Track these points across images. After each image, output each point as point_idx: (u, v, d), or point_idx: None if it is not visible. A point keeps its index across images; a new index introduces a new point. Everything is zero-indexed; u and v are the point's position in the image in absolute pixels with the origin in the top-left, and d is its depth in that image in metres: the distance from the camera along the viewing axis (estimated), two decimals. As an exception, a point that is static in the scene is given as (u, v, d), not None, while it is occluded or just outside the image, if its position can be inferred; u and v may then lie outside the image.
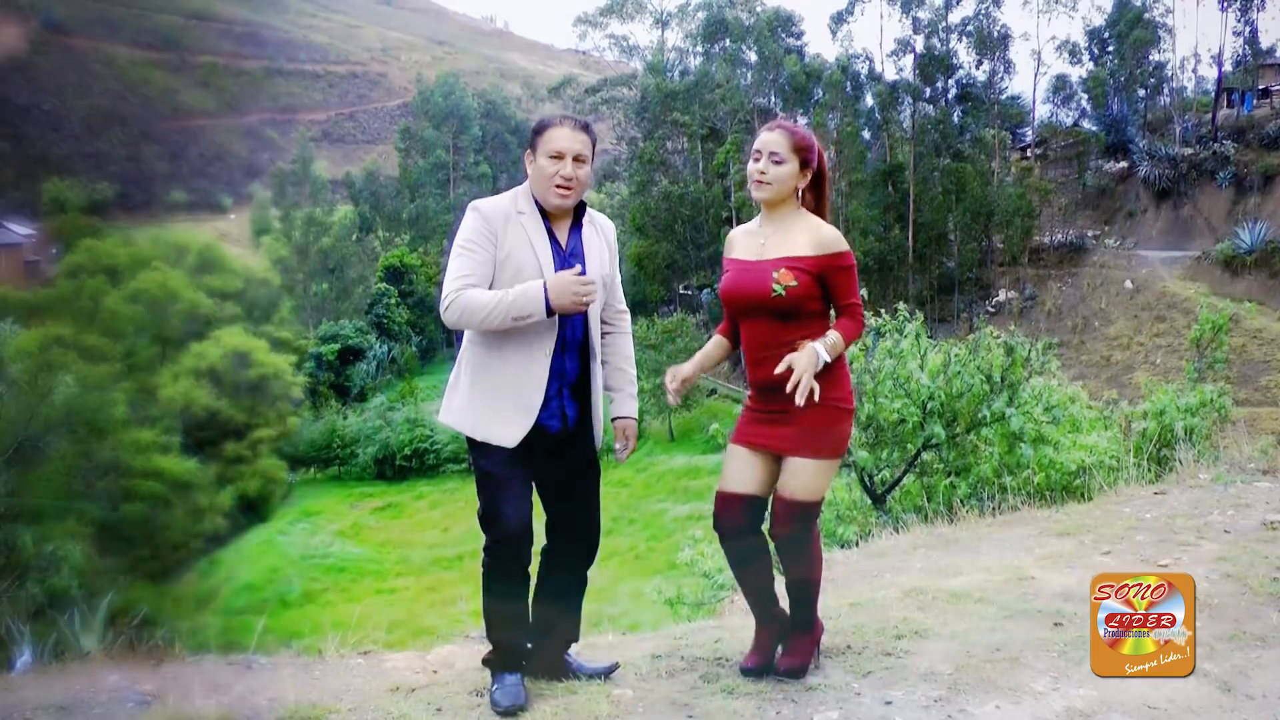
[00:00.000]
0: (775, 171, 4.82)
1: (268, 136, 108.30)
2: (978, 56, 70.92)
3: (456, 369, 4.89)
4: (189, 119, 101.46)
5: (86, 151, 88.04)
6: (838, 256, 4.75)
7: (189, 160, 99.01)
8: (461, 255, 4.71)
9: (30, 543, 25.21)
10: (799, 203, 4.90)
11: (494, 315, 4.59)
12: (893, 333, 11.17)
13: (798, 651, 5.00)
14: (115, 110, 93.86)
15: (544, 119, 4.86)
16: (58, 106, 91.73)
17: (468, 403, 4.78)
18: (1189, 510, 7.87)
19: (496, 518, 4.74)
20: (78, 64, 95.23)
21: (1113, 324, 58.30)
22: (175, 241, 57.24)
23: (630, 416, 5.10)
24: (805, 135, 4.87)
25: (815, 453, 4.78)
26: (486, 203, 4.81)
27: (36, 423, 27.76)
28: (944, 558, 7.46)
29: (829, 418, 4.78)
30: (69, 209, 70.19)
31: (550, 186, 4.77)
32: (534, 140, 4.81)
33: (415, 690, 5.00)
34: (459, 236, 4.76)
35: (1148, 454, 10.96)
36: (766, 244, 4.89)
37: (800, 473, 4.79)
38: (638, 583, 30.71)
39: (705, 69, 76.32)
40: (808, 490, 4.79)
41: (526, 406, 4.73)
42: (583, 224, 4.95)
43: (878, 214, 67.32)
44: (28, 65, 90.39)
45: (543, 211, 4.83)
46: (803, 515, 4.81)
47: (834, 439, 4.82)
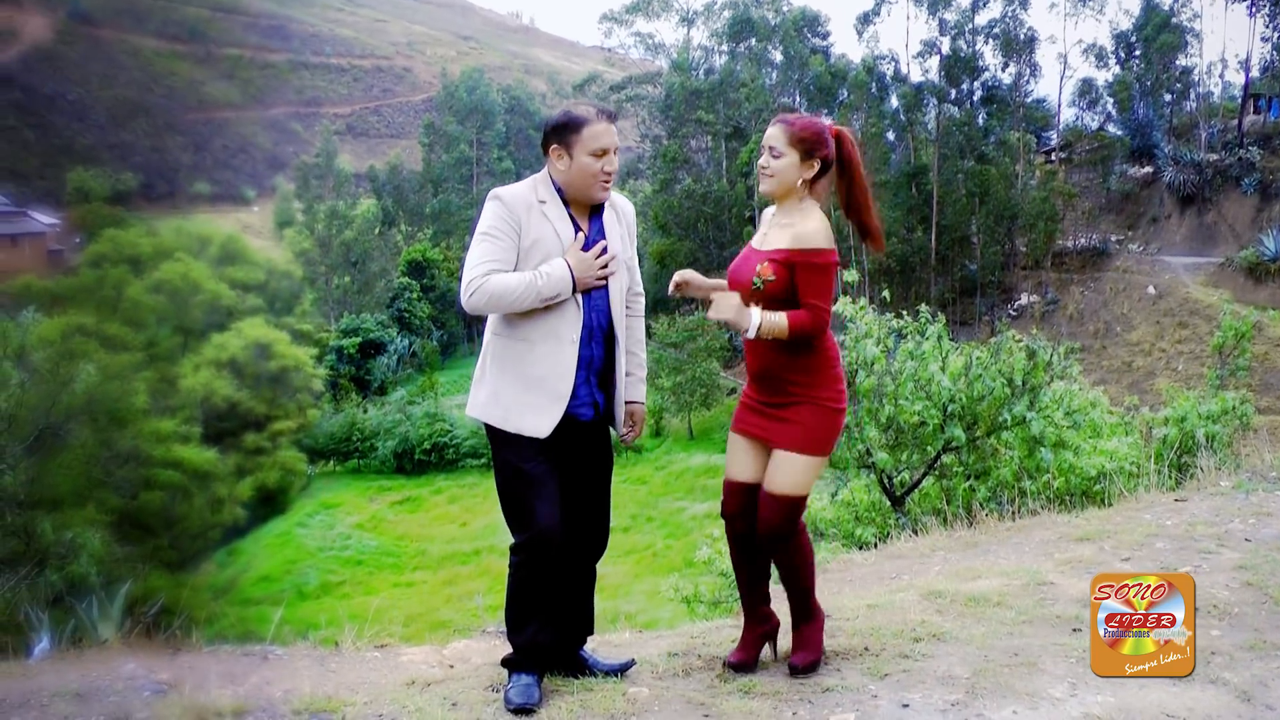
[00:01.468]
0: (774, 165, 4.83)
1: (292, 129, 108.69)
2: (1004, 59, 70.76)
3: (481, 361, 4.85)
4: (214, 111, 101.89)
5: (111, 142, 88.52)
6: (810, 253, 4.70)
7: (213, 152, 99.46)
8: (484, 241, 4.67)
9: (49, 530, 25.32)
10: (807, 195, 4.88)
11: (524, 297, 4.58)
12: (914, 335, 11.13)
13: (807, 646, 5.02)
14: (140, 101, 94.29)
15: (575, 115, 4.77)
16: (83, 96, 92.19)
17: (496, 394, 4.75)
18: (1210, 518, 7.82)
19: (529, 515, 4.69)
20: (104, 54, 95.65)
21: (1135, 329, 58.12)
22: (198, 233, 57.51)
23: (641, 401, 5.09)
24: (806, 125, 4.84)
25: (801, 448, 4.80)
26: (507, 191, 4.77)
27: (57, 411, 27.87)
28: (963, 561, 7.43)
29: (817, 415, 4.80)
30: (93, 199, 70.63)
31: (596, 184, 4.76)
32: (568, 137, 4.74)
33: (431, 685, 5.00)
34: (481, 224, 4.71)
35: (1168, 461, 10.92)
36: (768, 234, 4.92)
37: (785, 467, 4.82)
38: (655, 580, 30.72)
39: (730, 68, 76.24)
40: (791, 485, 4.81)
41: (557, 395, 4.70)
42: (604, 209, 4.95)
43: (901, 216, 67.19)
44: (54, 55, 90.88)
45: (563, 199, 4.81)
46: (786, 509, 4.83)
47: (821, 436, 4.83)
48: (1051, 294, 64.35)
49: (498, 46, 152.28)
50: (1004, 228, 66.67)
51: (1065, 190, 67.30)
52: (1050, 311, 62.86)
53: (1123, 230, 67.33)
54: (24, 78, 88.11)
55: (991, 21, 70.29)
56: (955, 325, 52.82)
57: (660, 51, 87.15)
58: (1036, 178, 69.85)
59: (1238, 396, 12.71)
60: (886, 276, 62.24)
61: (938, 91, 70.14)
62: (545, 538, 4.68)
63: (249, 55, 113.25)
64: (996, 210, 65.20)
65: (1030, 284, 66.37)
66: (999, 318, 61.79)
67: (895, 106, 72.31)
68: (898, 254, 64.61)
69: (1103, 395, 13.97)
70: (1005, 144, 68.28)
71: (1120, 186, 68.59)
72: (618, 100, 79.97)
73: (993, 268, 66.44)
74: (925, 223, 67.26)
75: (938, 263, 66.78)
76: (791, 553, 4.93)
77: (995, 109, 70.48)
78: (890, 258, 63.76)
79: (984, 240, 66.87)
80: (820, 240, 4.72)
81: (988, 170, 65.65)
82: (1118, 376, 53.96)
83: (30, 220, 68.57)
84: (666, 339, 55.93)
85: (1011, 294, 66.73)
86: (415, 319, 75.38)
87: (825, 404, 4.81)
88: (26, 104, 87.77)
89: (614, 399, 4.97)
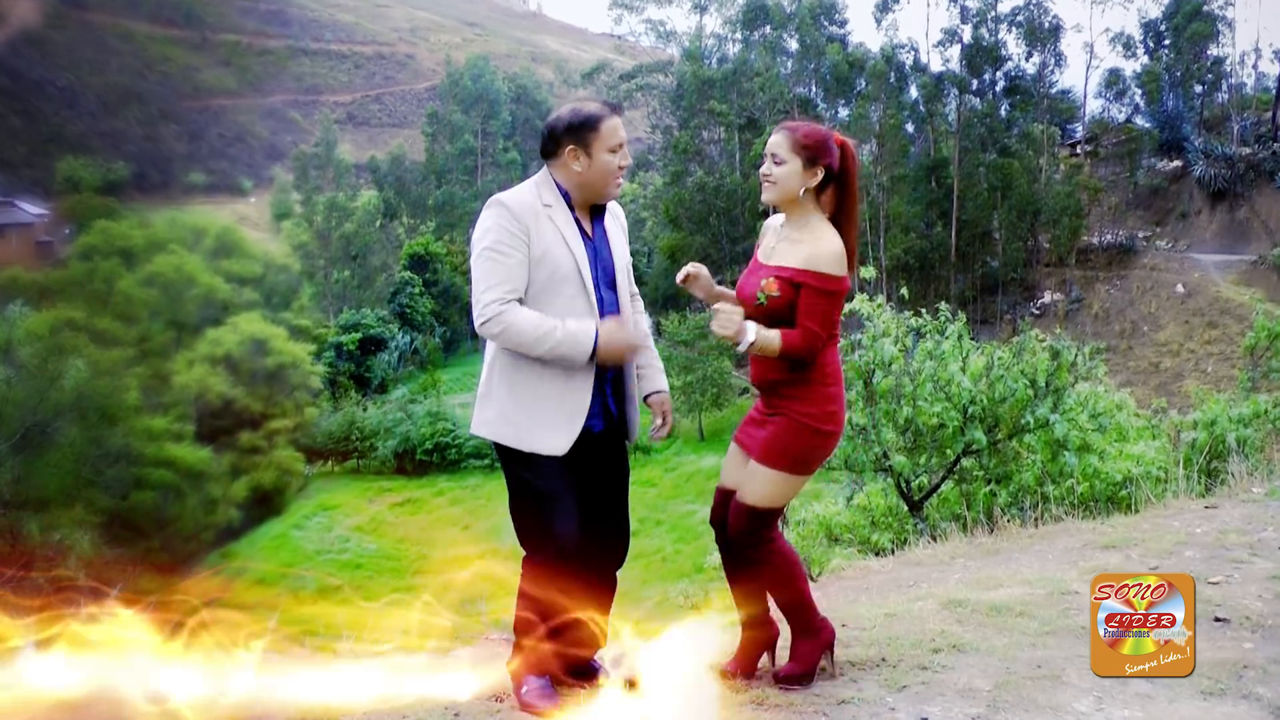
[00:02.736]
0: (776, 172, 4.80)
1: (290, 118, 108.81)
2: (1027, 48, 70.73)
3: (487, 376, 4.81)
4: (209, 98, 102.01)
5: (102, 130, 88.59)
6: (817, 276, 4.68)
7: (208, 141, 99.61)
8: (495, 260, 4.61)
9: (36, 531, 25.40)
10: (813, 205, 4.87)
11: (537, 348, 4.55)
12: (934, 334, 11.11)
13: (796, 658, 5.02)
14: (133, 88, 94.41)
15: (590, 112, 4.74)
16: (73, 83, 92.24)
17: (508, 413, 4.71)
18: (1241, 525, 7.79)
19: (547, 535, 4.69)
20: (95, 39, 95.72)
21: (1162, 329, 58.06)
22: (193, 224, 57.67)
23: (663, 390, 5.10)
24: (809, 133, 4.81)
25: (771, 462, 4.81)
26: (511, 198, 4.70)
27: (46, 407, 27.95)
28: (983, 569, 7.42)
29: (797, 433, 4.80)
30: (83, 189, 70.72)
31: (613, 180, 4.76)
32: (586, 136, 4.70)
33: (432, 694, 4.98)
34: (489, 238, 4.64)
35: (1198, 466, 10.86)
36: (776, 248, 4.91)
37: (755, 477, 4.84)
38: (664, 586, 30.69)
39: (744, 57, 76.16)
40: (757, 496, 4.83)
41: (574, 411, 4.68)
42: (605, 212, 4.94)
43: (920, 210, 67.20)
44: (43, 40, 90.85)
45: (569, 203, 4.78)
46: (750, 518, 4.84)
47: (795, 454, 4.82)
48: (1076, 292, 64.31)
49: (504, 33, 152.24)
50: (1027, 223, 66.67)
51: (1091, 185, 67.27)
52: (1074, 310, 62.83)
53: (1150, 226, 67.27)
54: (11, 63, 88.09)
55: (1015, 9, 70.34)
56: (976, 324, 52.86)
57: (672, 39, 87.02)
58: (1061, 171, 69.80)
59: (1271, 400, 12.65)
60: (905, 273, 62.30)
61: (959, 82, 70.10)
62: (563, 551, 4.68)
63: (246, 41, 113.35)
64: (1019, 205, 65.19)
65: (1054, 282, 66.32)
66: (1021, 316, 61.64)
67: (915, 97, 72.25)
68: (916, 250, 64.63)
69: (1129, 397, 13.95)
70: (1029, 136, 68.18)
71: (1148, 181, 68.52)
72: (627, 89, 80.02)
73: (1015, 264, 66.43)
74: (945, 218, 67.22)
75: (958, 259, 66.73)
76: (762, 566, 4.93)
77: (1018, 100, 70.47)
78: (909, 254, 63.76)
79: (1006, 236, 66.84)
80: (833, 265, 4.71)
81: (1010, 163, 65.62)
82: (1145, 378, 53.91)
83: (18, 211, 68.61)
84: (676, 337, 55.89)
85: (1034, 292, 66.69)
86: (417, 314, 75.35)
87: (806, 421, 4.79)
88: (14, 90, 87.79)
89: (627, 409, 4.97)
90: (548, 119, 4.86)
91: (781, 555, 4.95)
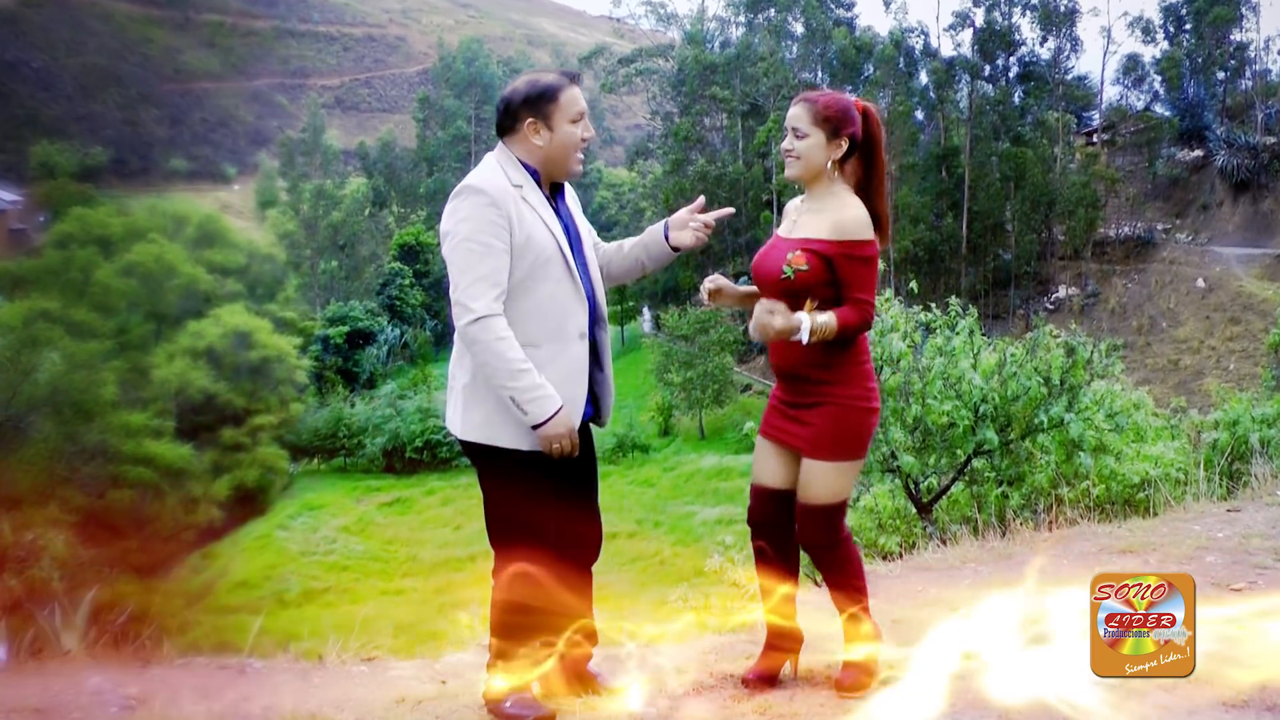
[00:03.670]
0: (799, 146, 4.78)
1: (276, 102, 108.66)
2: (1042, 32, 70.85)
3: (465, 373, 4.78)
4: (192, 81, 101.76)
5: (79, 113, 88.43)
6: (854, 245, 4.68)
7: (191, 125, 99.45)
8: (479, 252, 4.54)
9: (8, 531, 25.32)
10: (837, 177, 4.85)
11: (497, 378, 4.50)
12: (944, 329, 11.11)
13: (857, 664, 4.97)
14: (112, 70, 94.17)
15: (548, 83, 4.68)
16: (49, 64, 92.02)
17: (493, 414, 4.64)
18: (1265, 530, 7.77)
19: (539, 536, 4.64)
20: (71, 19, 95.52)
21: (1182, 325, 58.09)
22: (174, 212, 57.53)
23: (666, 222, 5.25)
24: (831, 102, 4.79)
25: (831, 455, 4.79)
26: (487, 182, 4.60)
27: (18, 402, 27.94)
28: (995, 574, 7.41)
29: (846, 418, 4.78)
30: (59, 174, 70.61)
31: (574, 154, 4.71)
32: (545, 108, 4.64)
33: (422, 702, 4.98)
34: (466, 227, 4.54)
35: (1219, 468, 10.85)
36: (798, 221, 4.89)
37: (818, 476, 4.80)
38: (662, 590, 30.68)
39: (747, 40, 76.25)
40: (826, 494, 4.80)
41: (572, 401, 4.63)
42: (564, 190, 4.91)
43: (930, 200, 67.26)
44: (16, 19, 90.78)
45: (536, 180, 4.72)
46: (824, 518, 4.82)
47: (852, 440, 4.82)
48: (1092, 286, 64.37)
49: (498, 15, 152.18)
50: (1041, 214, 66.71)
51: (1107, 175, 67.29)
52: (1090, 305, 62.88)
53: (1170, 218, 67.32)
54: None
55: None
56: (988, 319, 52.81)
57: (673, 22, 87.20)
58: (1076, 161, 69.87)
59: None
60: (914, 266, 62.33)
61: (971, 67, 70.16)
62: (553, 551, 4.63)
63: (230, 22, 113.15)
64: (1033, 195, 65.25)
65: (1069, 275, 66.40)
66: (1034, 311, 61.64)
67: (925, 83, 72.43)
68: (926, 242, 64.68)
69: (1147, 396, 13.97)
70: (1043, 124, 68.30)
71: (1168, 171, 68.58)
72: (626, 74, 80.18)
73: (1028, 257, 66.50)
74: (956, 208, 67.30)
75: (969, 252, 66.81)
76: (836, 564, 4.92)
77: (1032, 86, 70.54)
78: (918, 246, 63.82)
79: (1019, 228, 66.91)
80: (863, 230, 4.71)
81: (1024, 152, 65.68)
82: (1163, 376, 53.96)
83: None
84: (676, 331, 55.95)
85: (1048, 286, 66.77)
86: (407, 307, 75.31)
87: (853, 404, 4.78)
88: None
89: (605, 396, 4.95)
90: (503, 92, 4.78)
91: (850, 546, 4.99)
